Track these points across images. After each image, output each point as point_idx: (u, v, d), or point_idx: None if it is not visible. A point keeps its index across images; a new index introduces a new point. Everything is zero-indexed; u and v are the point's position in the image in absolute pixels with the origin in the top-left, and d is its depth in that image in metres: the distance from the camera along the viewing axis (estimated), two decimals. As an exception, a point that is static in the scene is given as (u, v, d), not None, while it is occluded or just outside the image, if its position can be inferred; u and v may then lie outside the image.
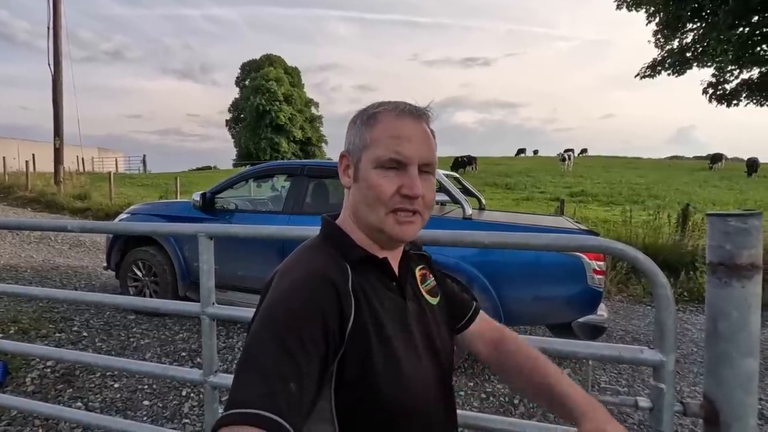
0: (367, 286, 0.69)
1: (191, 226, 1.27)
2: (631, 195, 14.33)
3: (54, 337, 3.18)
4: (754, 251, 0.82)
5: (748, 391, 0.85)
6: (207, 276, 1.25)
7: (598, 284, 2.89)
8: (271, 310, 0.62)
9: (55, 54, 12.40)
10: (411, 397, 0.66)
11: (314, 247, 0.74)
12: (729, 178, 20.32)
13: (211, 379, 1.29)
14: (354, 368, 0.63)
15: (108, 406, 2.43)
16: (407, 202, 0.68)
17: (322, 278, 0.65)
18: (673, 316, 0.92)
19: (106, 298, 1.38)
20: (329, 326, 0.61)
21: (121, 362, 1.44)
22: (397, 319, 0.70)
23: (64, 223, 1.32)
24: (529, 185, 17.22)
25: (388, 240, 0.72)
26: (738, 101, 8.99)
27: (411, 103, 0.72)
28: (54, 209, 11.05)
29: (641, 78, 9.73)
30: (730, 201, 12.92)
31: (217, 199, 3.78)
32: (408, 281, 0.77)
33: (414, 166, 0.68)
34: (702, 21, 8.51)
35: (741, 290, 0.83)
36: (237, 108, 46.69)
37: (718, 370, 0.87)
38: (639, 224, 7.42)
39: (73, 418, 1.43)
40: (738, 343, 0.84)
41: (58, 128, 12.71)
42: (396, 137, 0.68)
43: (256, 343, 0.59)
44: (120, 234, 3.90)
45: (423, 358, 0.71)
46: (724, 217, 0.83)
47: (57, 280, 4.83)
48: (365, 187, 0.69)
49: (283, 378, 0.54)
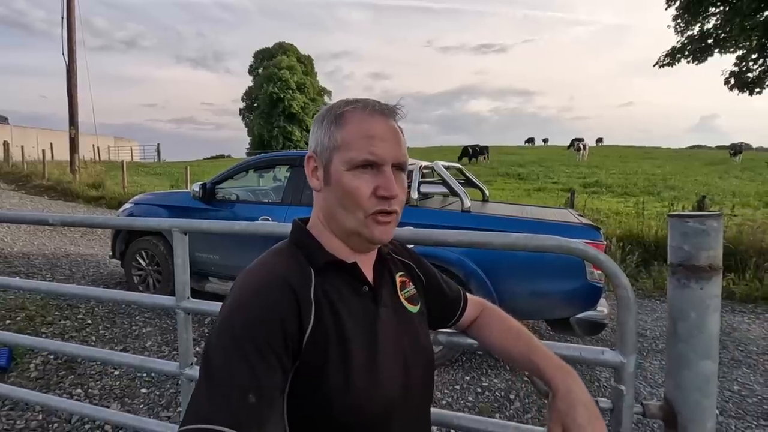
0: (333, 292, 0.68)
1: (165, 221, 1.29)
2: (647, 186, 14.00)
3: (59, 324, 3.28)
4: (713, 253, 0.79)
5: (705, 394, 0.83)
6: (181, 270, 1.26)
7: (599, 279, 2.85)
8: (229, 318, 0.61)
9: (69, 43, 12.58)
10: (369, 409, 0.65)
11: (280, 251, 0.73)
12: (752, 169, 19.64)
13: (187, 371, 1.31)
14: (309, 376, 0.62)
15: (107, 393, 2.51)
16: (385, 203, 0.67)
17: (281, 284, 0.63)
18: (634, 317, 0.90)
19: (80, 290, 1.41)
20: (288, 333, 0.60)
21: (102, 353, 1.48)
22: (364, 325, 0.69)
23: (46, 216, 1.35)
24: (542, 175, 16.96)
25: (364, 243, 0.71)
26: (761, 89, 8.66)
27: (379, 101, 0.71)
28: (69, 197, 11.32)
29: (660, 67, 9.44)
30: (751, 193, 12.51)
31: (218, 190, 3.82)
32: (383, 286, 0.75)
33: (388, 165, 0.67)
34: (725, 5, 8.18)
35: (699, 292, 0.80)
36: (250, 96, 46.91)
37: (677, 371, 0.85)
38: (652, 216, 7.26)
39: (59, 406, 1.47)
40: (695, 344, 0.82)
41: (73, 117, 12.96)
42: (368, 137, 0.66)
43: (214, 352, 0.58)
44: (103, 228, 3.98)
45: (391, 367, 0.69)
46: (683, 217, 0.80)
47: (66, 268, 4.97)
48: (339, 190, 0.67)
49: (241, 389, 0.54)
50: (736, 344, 3.59)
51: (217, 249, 3.66)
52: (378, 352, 0.68)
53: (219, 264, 3.67)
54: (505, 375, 2.95)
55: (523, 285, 2.93)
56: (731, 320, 4.14)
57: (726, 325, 3.94)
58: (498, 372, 2.99)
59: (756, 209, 9.23)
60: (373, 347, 0.68)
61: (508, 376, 2.94)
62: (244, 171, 3.94)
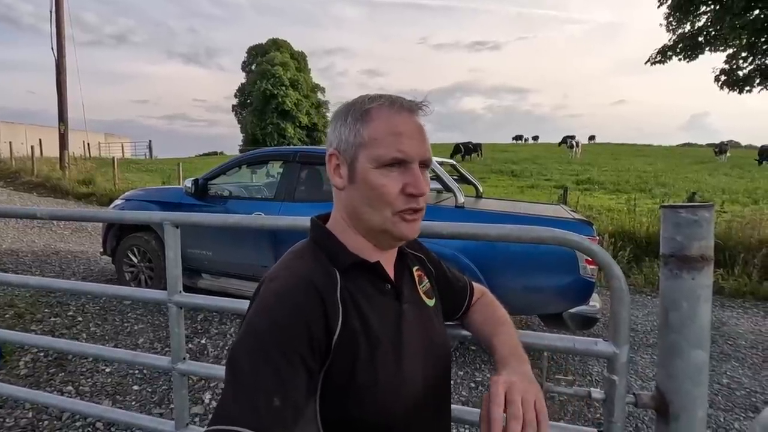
0: (358, 292, 0.67)
1: (157, 214, 1.27)
2: (638, 183, 14.15)
3: (49, 321, 3.25)
4: (704, 243, 0.79)
5: (697, 383, 0.83)
6: (173, 264, 1.25)
7: (591, 275, 2.87)
8: (255, 321, 0.61)
9: (58, 38, 12.39)
10: (399, 407, 0.65)
11: (302, 252, 0.72)
12: (741, 166, 19.93)
13: (179, 366, 1.30)
14: (340, 378, 0.62)
15: (98, 390, 2.48)
16: (413, 201, 0.67)
17: (306, 287, 0.63)
18: (627, 308, 0.90)
19: (75, 285, 1.39)
20: (314, 337, 0.60)
21: (93, 348, 1.46)
22: (389, 323, 0.69)
23: (34, 210, 1.33)
24: (535, 173, 17.05)
25: (391, 240, 0.71)
26: (751, 88, 8.76)
27: (404, 97, 0.70)
28: (59, 194, 11.18)
29: (651, 64, 9.52)
30: (740, 190, 12.68)
31: (210, 186, 3.79)
32: (404, 283, 0.75)
33: (416, 163, 0.67)
34: (715, 4, 8.26)
35: (691, 282, 0.81)
36: (243, 93, 46.52)
37: (669, 361, 0.86)
38: (644, 212, 7.33)
39: (50, 403, 1.45)
40: (687, 334, 0.82)
41: (63, 113, 12.78)
42: (396, 134, 0.66)
43: (240, 355, 0.58)
44: (92, 221, 3.94)
45: (415, 363, 0.70)
46: (675, 208, 0.81)
47: (56, 265, 4.91)
48: (367, 188, 0.67)
49: (266, 392, 0.54)
50: (725, 338, 3.64)
51: (209, 245, 3.63)
52: (403, 350, 0.68)
53: (212, 260, 3.65)
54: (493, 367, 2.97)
55: (516, 280, 2.94)
56: (721, 315, 4.20)
57: (715, 320, 3.99)
58: (491, 367, 3.00)
59: (744, 206, 9.37)
60: (399, 345, 0.68)
61: (500, 370, 2.96)
62: (237, 167, 3.91)
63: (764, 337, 3.93)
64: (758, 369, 3.28)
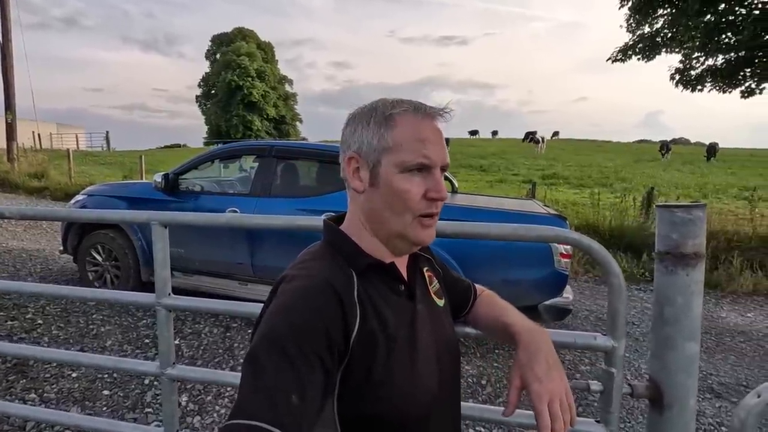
0: (374, 293, 0.69)
1: (143, 214, 1.21)
2: (600, 178, 14.75)
3: (5, 325, 3.03)
4: (698, 241, 0.84)
5: (689, 374, 0.88)
6: (162, 265, 1.20)
7: (565, 267, 2.98)
8: (274, 321, 0.62)
9: (2, 20, 11.52)
10: (415, 405, 0.67)
11: (319, 254, 0.73)
12: (691, 162, 21.18)
13: (169, 371, 1.25)
14: (358, 377, 0.63)
15: (65, 397, 2.35)
16: (433, 205, 0.69)
17: (325, 288, 0.64)
18: (624, 304, 0.94)
19: (62, 290, 1.30)
20: (332, 338, 0.61)
21: (70, 355, 1.37)
22: (404, 323, 0.70)
23: (2, 209, 1.23)
24: (502, 167, 17.45)
25: (407, 245, 0.73)
26: (703, 87, 9.29)
27: (425, 104, 0.72)
28: (8, 188, 10.45)
29: (612, 62, 9.90)
30: (691, 185, 13.48)
31: (181, 180, 3.64)
32: (417, 283, 0.77)
33: (438, 168, 0.69)
34: (672, 6, 8.68)
35: (685, 278, 0.85)
36: (207, 83, 44.97)
37: (663, 353, 0.90)
38: (606, 207, 7.67)
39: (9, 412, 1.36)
40: (681, 327, 0.87)
41: (10, 101, 11.92)
42: (421, 140, 0.67)
43: (259, 351, 0.59)
44: (69, 221, 3.72)
45: (429, 362, 0.71)
46: (671, 208, 0.85)
47: (10, 264, 4.59)
48: (390, 192, 0.68)
49: (285, 390, 0.55)
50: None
51: (182, 242, 3.50)
52: (418, 349, 0.70)
53: (185, 258, 3.51)
54: (477, 362, 3.04)
55: (495, 273, 3.01)
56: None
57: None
58: (470, 359, 3.07)
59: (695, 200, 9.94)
60: (414, 345, 0.70)
61: (479, 362, 3.03)
62: (210, 161, 3.78)
63: (716, 323, 4.22)
64: (712, 353, 3.52)
